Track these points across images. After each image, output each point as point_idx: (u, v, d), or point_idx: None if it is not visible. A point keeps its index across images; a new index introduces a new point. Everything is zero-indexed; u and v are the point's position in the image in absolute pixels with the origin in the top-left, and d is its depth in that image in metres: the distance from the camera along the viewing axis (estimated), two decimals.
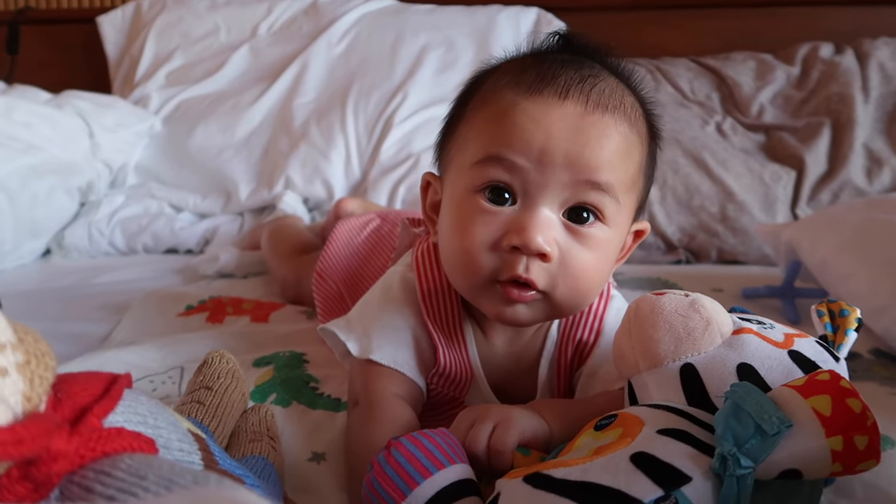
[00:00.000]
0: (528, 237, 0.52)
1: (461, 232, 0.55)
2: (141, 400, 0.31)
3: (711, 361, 0.47)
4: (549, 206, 0.54)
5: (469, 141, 0.57)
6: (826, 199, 1.39)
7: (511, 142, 0.53)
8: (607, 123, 0.54)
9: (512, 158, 0.53)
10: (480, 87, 0.59)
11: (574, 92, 0.54)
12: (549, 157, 0.52)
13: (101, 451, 0.27)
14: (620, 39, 1.92)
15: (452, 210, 0.57)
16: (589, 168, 0.53)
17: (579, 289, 0.56)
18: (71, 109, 1.44)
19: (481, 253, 0.54)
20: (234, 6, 1.77)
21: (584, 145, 0.53)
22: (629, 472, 0.38)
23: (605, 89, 0.55)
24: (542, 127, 0.53)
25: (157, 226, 1.45)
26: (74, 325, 0.98)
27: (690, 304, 0.49)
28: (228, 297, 1.08)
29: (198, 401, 0.52)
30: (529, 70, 0.56)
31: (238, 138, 1.57)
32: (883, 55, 1.56)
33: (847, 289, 0.90)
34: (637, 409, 0.46)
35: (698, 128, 1.52)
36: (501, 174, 0.54)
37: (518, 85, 0.55)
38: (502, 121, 0.54)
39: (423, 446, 0.43)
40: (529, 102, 0.54)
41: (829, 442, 0.38)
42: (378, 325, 0.62)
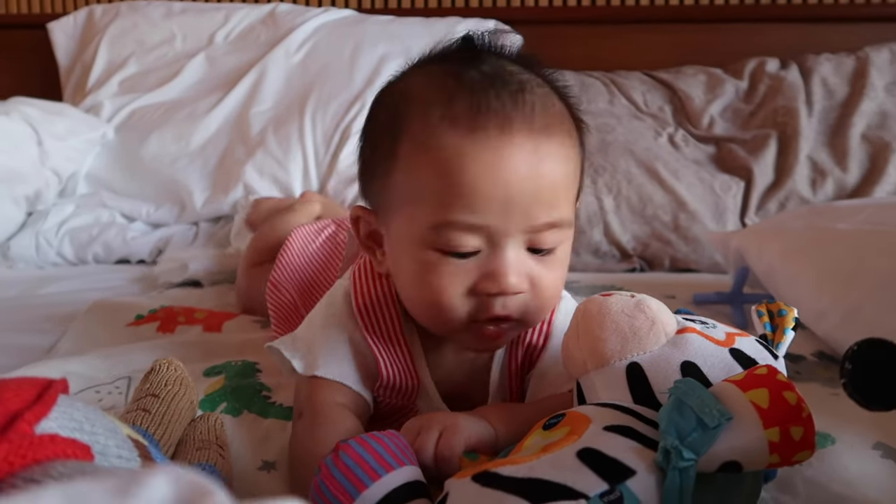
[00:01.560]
0: (505, 283, 0.53)
1: (427, 286, 0.54)
2: (77, 406, 0.31)
3: (656, 360, 0.48)
4: (516, 246, 0.53)
5: (417, 196, 0.54)
6: (773, 209, 1.44)
7: (470, 203, 0.51)
8: (554, 151, 0.53)
9: (472, 221, 0.51)
10: (407, 123, 0.55)
11: (517, 120, 0.51)
12: (511, 206, 0.51)
13: (31, 459, 0.26)
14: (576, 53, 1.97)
15: (411, 263, 0.56)
16: (545, 210, 0.53)
17: (548, 305, 0.58)
18: (18, 116, 1.40)
19: (455, 302, 0.54)
20: (190, 14, 1.75)
21: (541, 186, 0.52)
22: (575, 467, 0.38)
23: (538, 104, 0.53)
24: (500, 178, 0.51)
25: (109, 235, 1.42)
26: (18, 336, 0.95)
27: (636, 304, 0.50)
28: (181, 307, 1.06)
29: (144, 408, 0.51)
30: (458, 98, 0.52)
31: (193, 147, 1.55)
32: (825, 70, 1.62)
33: (792, 294, 0.92)
34: (585, 407, 0.47)
35: (651, 139, 1.55)
36: (463, 237, 0.52)
37: (454, 123, 0.51)
38: (453, 176, 0.51)
39: (371, 448, 0.43)
40: (477, 148, 0.51)
41: (766, 433, 0.39)
42: (322, 342, 0.62)
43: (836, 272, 0.87)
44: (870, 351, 0.42)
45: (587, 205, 1.45)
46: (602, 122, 1.58)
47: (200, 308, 1.06)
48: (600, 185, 1.46)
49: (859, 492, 0.52)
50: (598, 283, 1.23)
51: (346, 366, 0.61)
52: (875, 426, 0.60)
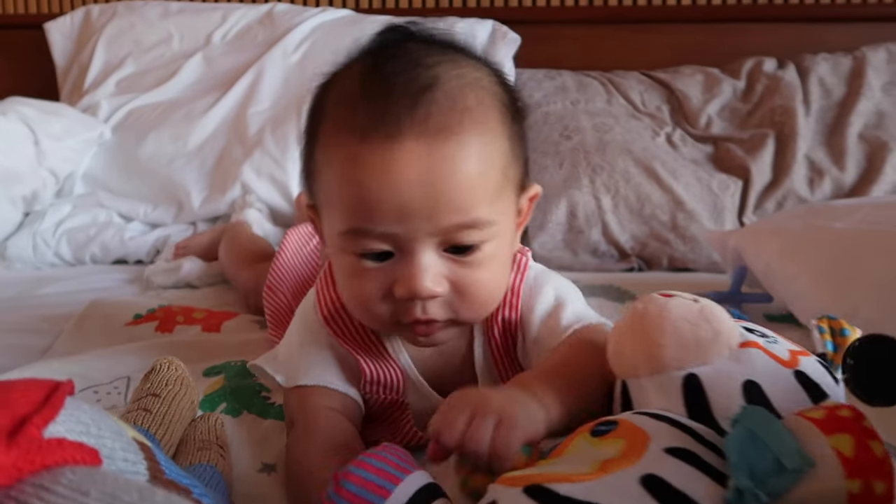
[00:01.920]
0: (416, 286, 0.52)
1: (350, 289, 0.56)
2: (83, 408, 0.31)
3: (717, 375, 0.45)
4: (428, 250, 0.52)
5: (329, 203, 0.55)
6: (771, 208, 1.44)
7: (370, 212, 0.51)
8: (452, 152, 0.50)
9: (373, 228, 0.52)
10: (320, 127, 0.55)
11: (407, 124, 0.49)
12: (408, 212, 0.50)
13: (40, 464, 0.26)
14: (574, 53, 1.97)
15: (337, 266, 0.58)
16: (450, 213, 0.51)
17: (482, 303, 0.57)
18: (15, 116, 1.40)
19: (376, 304, 0.55)
20: (187, 14, 1.75)
21: (437, 191, 0.50)
22: (640, 497, 0.36)
23: (443, 102, 0.51)
24: (390, 185, 0.50)
25: (106, 236, 1.41)
26: (16, 336, 0.95)
27: (700, 311, 0.46)
28: (179, 307, 1.05)
29: (144, 408, 0.51)
30: (360, 103, 0.51)
31: (190, 147, 1.54)
32: (822, 70, 1.62)
33: (790, 292, 0.93)
34: (638, 418, 0.43)
35: (649, 139, 1.56)
36: (372, 243, 0.53)
37: (353, 130, 0.51)
38: (349, 183, 0.51)
39: (372, 468, 0.40)
40: (367, 155, 0.50)
41: (847, 484, 0.36)
42: (300, 352, 0.63)
43: (834, 271, 0.88)
44: (872, 347, 0.42)
45: (585, 204, 1.45)
46: (600, 122, 1.58)
47: (199, 308, 1.06)
48: (598, 185, 1.46)
49: None
50: (596, 283, 1.23)
51: (328, 370, 0.62)
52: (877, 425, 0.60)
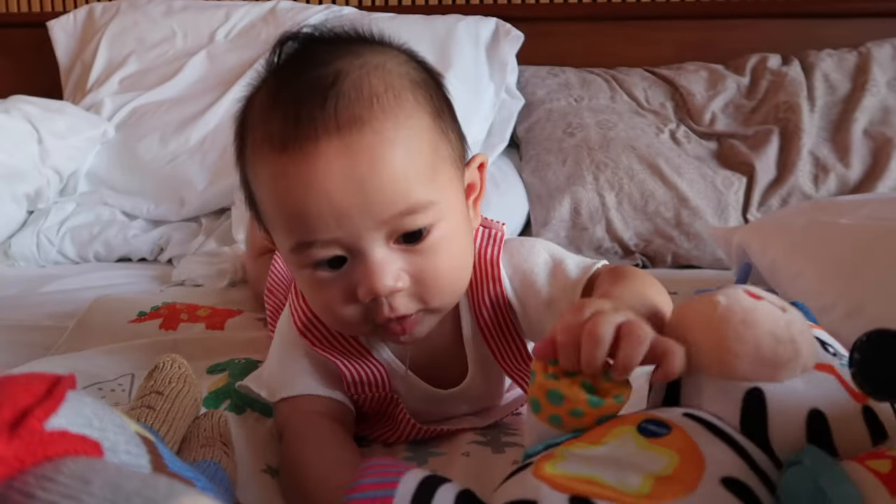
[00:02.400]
0: (375, 285, 0.51)
1: (315, 300, 0.56)
2: (86, 402, 0.31)
3: (783, 395, 0.42)
4: (377, 246, 0.51)
5: (270, 221, 0.55)
6: (776, 205, 1.43)
7: (307, 224, 0.50)
8: (369, 143, 0.49)
9: (316, 238, 0.51)
10: (246, 150, 0.55)
11: (321, 125, 0.49)
12: (343, 215, 0.50)
13: (42, 456, 0.26)
14: (577, 49, 1.96)
15: (299, 281, 0.57)
16: (385, 205, 0.50)
17: (448, 288, 0.56)
18: (19, 114, 1.40)
19: (344, 311, 0.54)
20: (190, 12, 1.75)
21: (364, 187, 0.49)
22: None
23: (350, 93, 0.50)
24: (318, 193, 0.49)
25: (110, 233, 1.41)
26: (21, 333, 0.95)
27: (787, 326, 0.43)
28: (183, 304, 1.06)
29: (148, 406, 0.51)
30: (273, 114, 0.51)
31: (193, 144, 1.54)
32: (827, 66, 1.62)
33: (796, 289, 0.92)
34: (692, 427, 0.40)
35: (653, 135, 1.55)
36: (320, 252, 0.52)
37: (271, 142, 0.51)
38: (282, 201, 0.51)
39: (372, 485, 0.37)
40: (291, 164, 0.50)
41: None
42: (280, 365, 0.64)
43: (839, 267, 0.87)
44: (879, 341, 0.41)
45: (589, 202, 1.45)
46: (603, 119, 1.58)
47: (203, 305, 1.06)
48: (602, 182, 1.46)
49: None
50: None
51: (309, 378, 0.62)
52: None
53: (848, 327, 0.80)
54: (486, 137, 1.59)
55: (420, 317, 0.55)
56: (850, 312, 0.80)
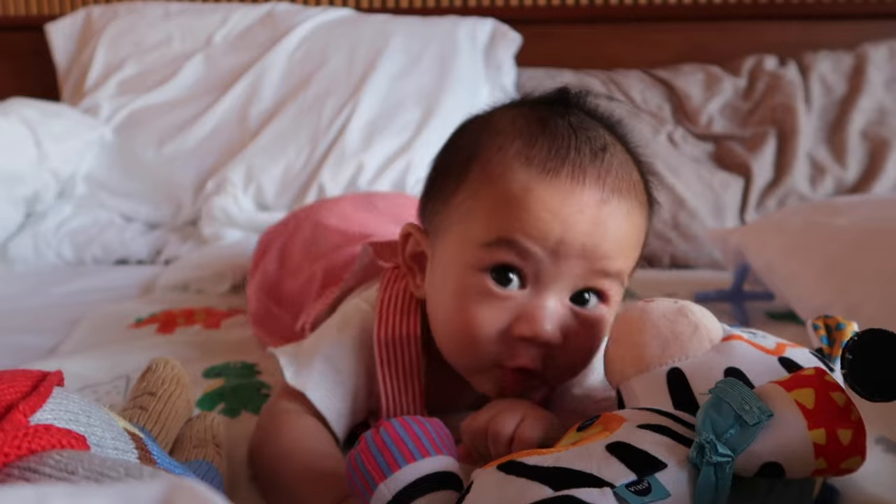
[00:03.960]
0: (540, 328, 0.52)
1: (465, 313, 0.54)
2: (73, 398, 0.31)
3: (699, 366, 0.46)
4: (559, 294, 0.53)
5: (475, 216, 0.54)
6: (773, 206, 1.44)
7: (527, 229, 0.51)
8: (623, 212, 0.53)
9: (526, 246, 0.51)
10: (482, 151, 0.56)
11: (590, 176, 0.52)
12: (566, 248, 0.51)
13: (27, 449, 0.26)
14: (575, 51, 1.96)
15: (453, 285, 0.55)
16: (605, 259, 0.52)
17: (576, 365, 0.57)
18: (16, 118, 1.40)
19: (487, 339, 0.53)
20: (188, 15, 1.75)
21: (602, 237, 0.52)
22: (602, 457, 0.37)
23: (617, 168, 0.54)
24: (559, 218, 0.51)
25: (107, 236, 1.41)
26: (18, 336, 0.95)
27: (678, 309, 0.48)
28: (180, 310, 1.06)
29: (140, 406, 0.51)
30: (539, 140, 0.53)
31: (191, 146, 1.54)
32: (824, 68, 1.62)
33: (792, 289, 0.92)
34: (620, 411, 0.45)
35: (650, 137, 1.55)
36: (513, 258, 0.52)
37: (529, 162, 0.53)
38: (516, 206, 0.52)
39: (412, 431, 0.42)
40: (545, 188, 0.52)
41: (811, 434, 0.37)
42: (322, 364, 0.60)
43: (835, 268, 0.87)
44: (871, 341, 0.41)
45: None
46: None
47: (199, 308, 1.06)
48: None
49: (861, 488, 0.52)
50: None
51: (336, 397, 0.59)
52: (878, 421, 0.60)
53: None
54: None
55: (535, 386, 0.56)
56: (845, 313, 0.80)
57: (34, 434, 0.26)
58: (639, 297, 1.12)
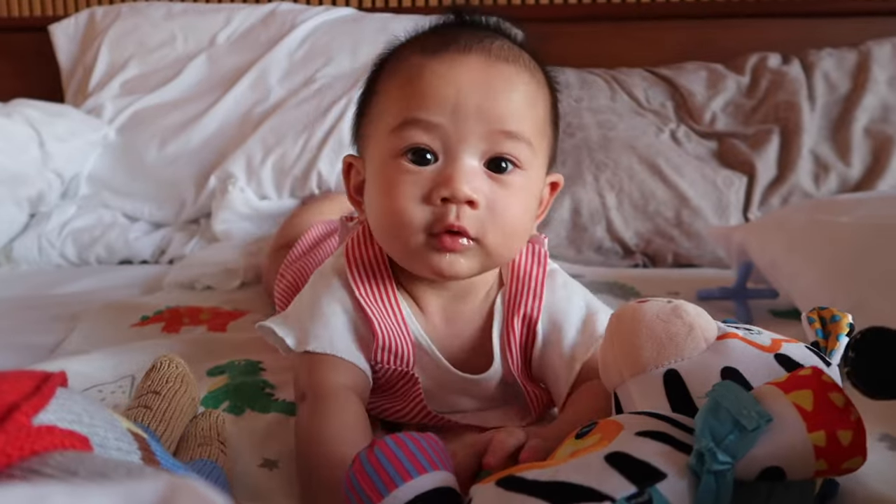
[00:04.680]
0: (456, 187, 0.55)
1: (389, 193, 0.57)
2: (75, 399, 0.31)
3: (695, 367, 0.46)
4: (470, 157, 0.56)
5: (384, 112, 0.59)
6: (776, 204, 1.43)
7: (424, 102, 0.56)
8: (510, 73, 0.58)
9: (427, 118, 0.56)
10: (387, 62, 0.62)
11: (475, 48, 0.57)
12: (462, 109, 0.55)
13: (29, 450, 0.26)
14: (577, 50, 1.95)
15: (378, 178, 0.59)
16: (501, 118, 0.56)
17: (507, 234, 0.59)
18: (20, 118, 1.40)
19: (412, 208, 0.56)
20: (191, 15, 1.75)
21: (494, 97, 0.56)
22: (601, 469, 0.37)
23: (504, 45, 0.59)
24: (451, 82, 0.56)
25: (111, 236, 1.42)
26: (23, 336, 0.95)
27: (672, 309, 0.48)
28: (186, 307, 1.06)
29: (145, 405, 0.51)
30: (432, 37, 0.60)
31: (194, 146, 1.55)
32: (827, 65, 1.61)
33: (795, 287, 0.92)
34: (618, 416, 0.45)
35: (653, 135, 1.55)
36: (421, 136, 0.56)
37: (423, 49, 0.59)
38: (412, 84, 0.57)
39: (406, 448, 0.42)
40: (435, 62, 0.57)
41: (811, 437, 0.37)
42: (313, 314, 0.62)
43: (839, 266, 0.87)
44: (874, 340, 0.41)
45: (589, 202, 1.45)
46: (604, 119, 1.58)
47: (206, 307, 1.06)
48: (602, 182, 1.46)
49: (865, 485, 0.52)
50: (600, 279, 1.23)
51: (339, 336, 0.61)
52: (881, 418, 0.60)
53: None
54: None
55: (472, 248, 0.57)
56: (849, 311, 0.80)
57: (36, 435, 0.26)
58: (642, 296, 1.13)
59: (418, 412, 0.64)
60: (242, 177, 1.47)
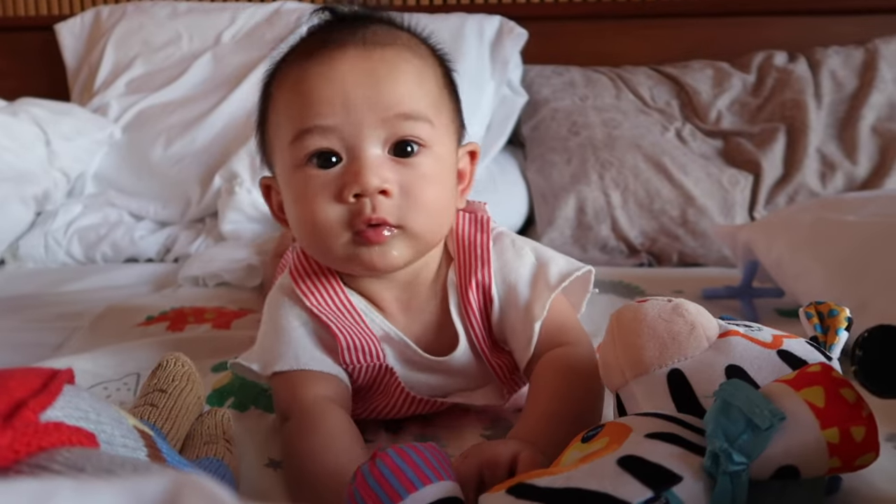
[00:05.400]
0: (365, 179, 0.54)
1: (303, 202, 0.57)
2: (82, 396, 0.31)
3: (699, 366, 0.45)
4: (373, 147, 0.56)
5: (279, 125, 0.59)
6: (782, 203, 1.43)
7: (314, 108, 0.56)
8: (390, 56, 0.57)
9: (321, 123, 0.55)
10: (272, 78, 0.62)
11: (350, 42, 0.57)
12: (352, 104, 0.55)
13: (36, 446, 0.26)
14: (582, 48, 1.95)
15: (289, 190, 0.59)
16: (392, 103, 0.56)
17: (429, 214, 0.58)
18: (26, 117, 1.41)
19: (328, 210, 0.56)
20: (196, 14, 1.76)
21: (379, 84, 0.56)
22: (616, 474, 0.36)
23: (378, 31, 0.59)
24: (333, 80, 0.56)
25: (117, 235, 1.42)
26: (29, 334, 0.96)
27: (674, 308, 0.47)
28: (191, 308, 1.06)
29: (151, 403, 0.51)
30: (307, 40, 0.60)
31: (199, 145, 1.55)
32: (834, 63, 1.61)
33: (802, 286, 0.92)
34: (624, 418, 0.44)
35: (658, 134, 1.55)
36: (319, 140, 0.56)
37: (301, 54, 0.58)
38: (298, 91, 0.57)
39: (409, 459, 0.41)
40: (315, 64, 0.56)
41: (824, 434, 0.36)
42: (271, 337, 0.63)
43: (845, 265, 0.87)
44: (881, 338, 0.41)
45: (594, 200, 1.44)
46: (608, 118, 1.57)
47: (210, 307, 1.06)
48: (607, 181, 1.46)
49: (871, 484, 0.51)
50: (605, 279, 1.23)
51: (302, 349, 0.61)
52: (888, 418, 0.59)
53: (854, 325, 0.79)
54: (485, 134, 1.59)
55: (397, 236, 0.57)
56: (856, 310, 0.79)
57: (44, 431, 0.26)
58: (647, 295, 1.13)
59: (404, 401, 0.63)
60: (247, 176, 1.46)
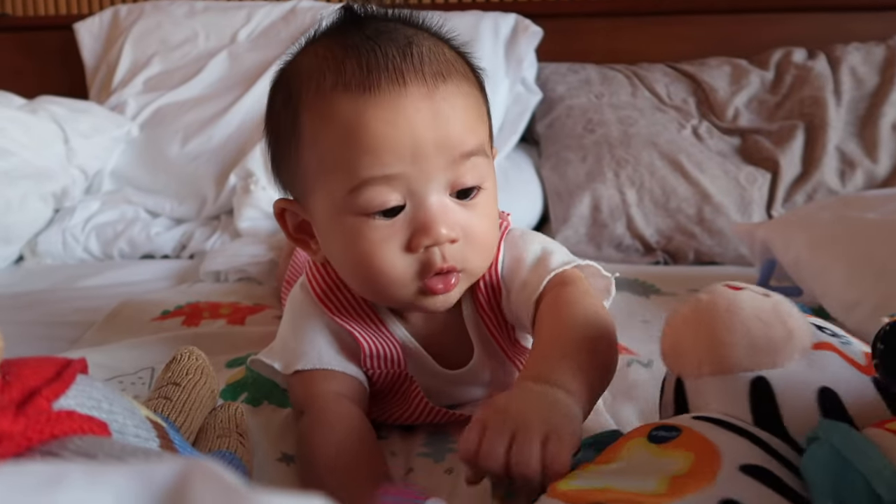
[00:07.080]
0: (436, 231, 0.53)
1: (363, 249, 0.54)
2: (96, 385, 0.31)
3: (789, 379, 0.41)
4: (438, 194, 0.54)
5: (326, 167, 0.54)
6: (801, 201, 1.41)
7: (380, 157, 0.52)
8: (452, 92, 0.54)
9: (388, 172, 0.52)
10: (302, 98, 0.55)
11: (408, 73, 0.53)
12: (421, 151, 0.52)
13: (49, 434, 0.26)
14: (598, 46, 1.94)
15: (340, 238, 0.56)
16: (458, 143, 0.53)
17: (486, 251, 0.58)
18: (45, 115, 1.42)
19: (396, 262, 0.54)
20: (212, 13, 1.77)
21: (446, 125, 0.53)
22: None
23: (427, 54, 0.54)
24: (401, 127, 0.52)
25: (133, 231, 1.43)
26: (46, 329, 0.97)
27: (773, 308, 0.43)
28: (206, 303, 1.07)
29: (165, 396, 0.51)
30: (347, 64, 0.53)
31: (215, 143, 1.56)
32: (854, 60, 1.58)
33: (820, 286, 0.90)
34: (702, 426, 0.40)
35: (675, 131, 1.53)
36: (386, 193, 0.53)
37: (347, 88, 0.52)
38: (358, 136, 0.52)
39: None
40: (373, 105, 0.52)
41: None
42: (294, 338, 0.63)
43: (866, 263, 0.85)
44: None
45: (609, 198, 1.43)
46: (625, 115, 1.56)
47: (226, 303, 1.07)
48: (623, 179, 1.44)
49: None
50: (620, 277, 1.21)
51: (325, 351, 0.61)
52: None
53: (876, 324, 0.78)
54: (499, 131, 1.58)
55: (461, 279, 0.57)
56: (877, 309, 0.78)
57: (56, 419, 0.26)
58: (662, 293, 1.12)
59: (423, 410, 0.63)
60: (262, 174, 1.47)
